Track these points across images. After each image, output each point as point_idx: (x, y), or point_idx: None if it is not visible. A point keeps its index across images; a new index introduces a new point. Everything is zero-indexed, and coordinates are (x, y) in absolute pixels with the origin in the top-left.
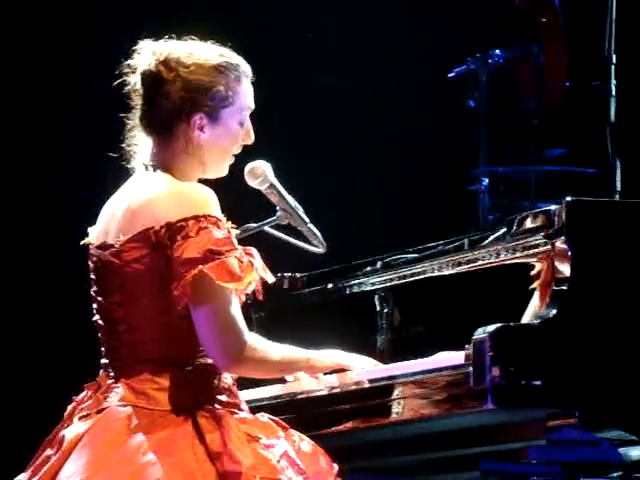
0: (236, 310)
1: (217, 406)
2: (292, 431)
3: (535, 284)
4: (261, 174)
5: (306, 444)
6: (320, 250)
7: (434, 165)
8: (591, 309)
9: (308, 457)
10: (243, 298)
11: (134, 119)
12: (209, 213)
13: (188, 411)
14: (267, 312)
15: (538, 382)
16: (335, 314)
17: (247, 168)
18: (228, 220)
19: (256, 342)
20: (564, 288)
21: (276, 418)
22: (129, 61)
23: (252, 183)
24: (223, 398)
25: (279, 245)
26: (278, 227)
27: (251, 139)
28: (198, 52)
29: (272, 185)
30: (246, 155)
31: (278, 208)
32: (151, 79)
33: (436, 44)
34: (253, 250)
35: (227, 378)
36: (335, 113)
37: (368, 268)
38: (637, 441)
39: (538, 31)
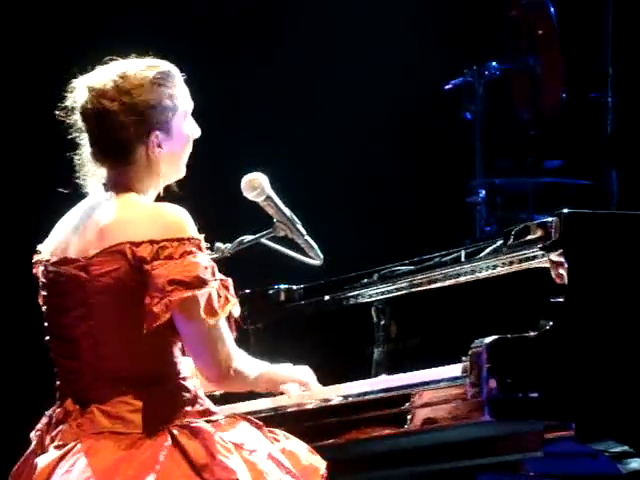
0: (223, 328)
1: (192, 418)
2: (276, 430)
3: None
4: (258, 186)
5: (291, 443)
6: (317, 262)
7: (431, 177)
8: (588, 321)
9: (294, 456)
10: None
11: (82, 154)
12: (191, 236)
13: (165, 429)
14: (264, 324)
15: (535, 394)
16: (332, 326)
17: (244, 180)
18: (205, 239)
19: (242, 358)
20: (560, 300)
21: (250, 417)
22: (65, 103)
23: (249, 195)
24: (197, 407)
25: (276, 257)
26: (275, 239)
27: (198, 132)
28: (130, 72)
29: (269, 197)
30: (244, 168)
31: (275, 220)
32: (96, 115)
33: (432, 56)
34: (229, 281)
35: (193, 386)
36: (332, 125)
37: (365, 280)
38: (634, 453)
39: (535, 43)
